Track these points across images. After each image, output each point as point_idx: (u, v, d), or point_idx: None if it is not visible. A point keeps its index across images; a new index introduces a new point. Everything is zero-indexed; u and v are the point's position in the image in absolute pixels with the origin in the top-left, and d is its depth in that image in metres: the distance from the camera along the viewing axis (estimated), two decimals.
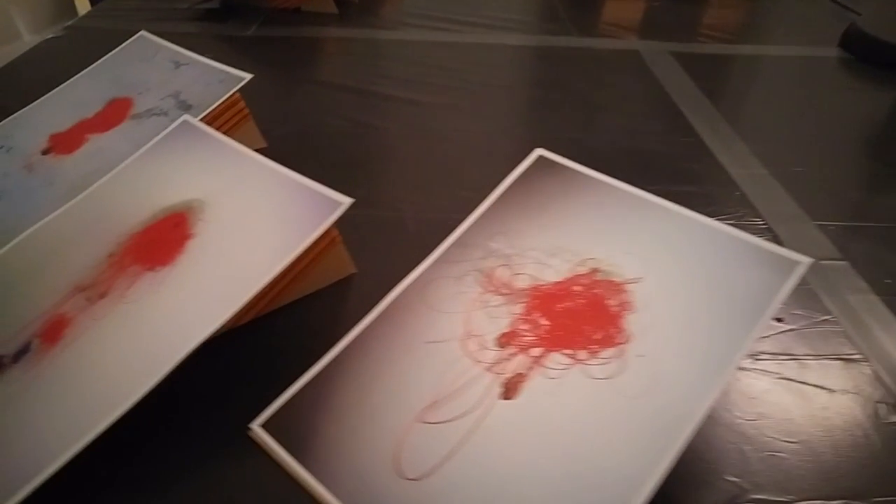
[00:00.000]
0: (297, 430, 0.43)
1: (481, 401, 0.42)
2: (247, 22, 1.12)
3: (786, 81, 1.02)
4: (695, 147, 0.79)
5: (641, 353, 0.42)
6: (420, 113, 0.86)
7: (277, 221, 0.48)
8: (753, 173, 0.74)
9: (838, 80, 1.03)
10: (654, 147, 0.79)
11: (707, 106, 0.89)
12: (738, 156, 0.78)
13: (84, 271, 0.49)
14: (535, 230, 0.50)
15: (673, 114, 0.87)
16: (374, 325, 0.47)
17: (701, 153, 0.78)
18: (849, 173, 0.77)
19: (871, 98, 0.97)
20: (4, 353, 0.45)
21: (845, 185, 0.75)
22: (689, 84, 0.95)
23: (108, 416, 0.39)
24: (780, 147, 0.81)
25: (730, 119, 0.86)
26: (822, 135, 0.86)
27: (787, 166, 0.76)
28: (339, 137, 0.79)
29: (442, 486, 0.39)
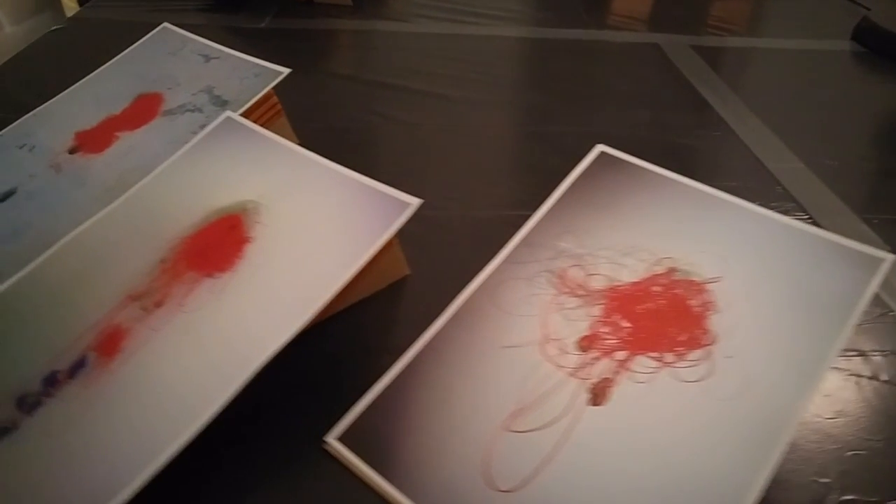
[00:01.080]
0: (375, 441, 0.41)
1: (569, 408, 0.40)
2: (259, 14, 1.09)
3: (806, 74, 1.01)
4: (728, 141, 0.79)
5: (729, 355, 0.41)
6: (450, 107, 0.84)
7: (342, 224, 0.46)
8: (790, 167, 0.74)
9: (856, 73, 1.03)
10: (688, 141, 0.78)
11: (734, 99, 0.88)
12: (773, 149, 0.77)
13: (135, 278, 0.46)
14: (604, 229, 0.48)
15: (701, 107, 0.86)
16: (445, 330, 0.45)
17: (735, 147, 0.77)
18: (883, 166, 0.77)
19: (889, 91, 0.97)
20: (58, 367, 0.42)
21: (881, 177, 0.75)
22: (713, 77, 0.94)
23: (183, 433, 0.37)
24: (812, 140, 0.80)
25: (758, 112, 0.85)
26: (849, 127, 0.86)
27: (821, 159, 0.76)
28: (371, 133, 0.77)
29: (538, 497, 0.37)
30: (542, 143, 0.77)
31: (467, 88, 0.89)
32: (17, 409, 0.41)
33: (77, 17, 1.08)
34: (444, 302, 0.48)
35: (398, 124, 0.79)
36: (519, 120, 0.83)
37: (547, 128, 0.81)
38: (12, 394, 0.41)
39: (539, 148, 0.76)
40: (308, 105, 0.82)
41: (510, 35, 1.09)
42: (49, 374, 0.42)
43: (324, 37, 1.05)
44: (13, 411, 0.41)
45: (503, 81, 0.92)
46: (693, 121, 0.83)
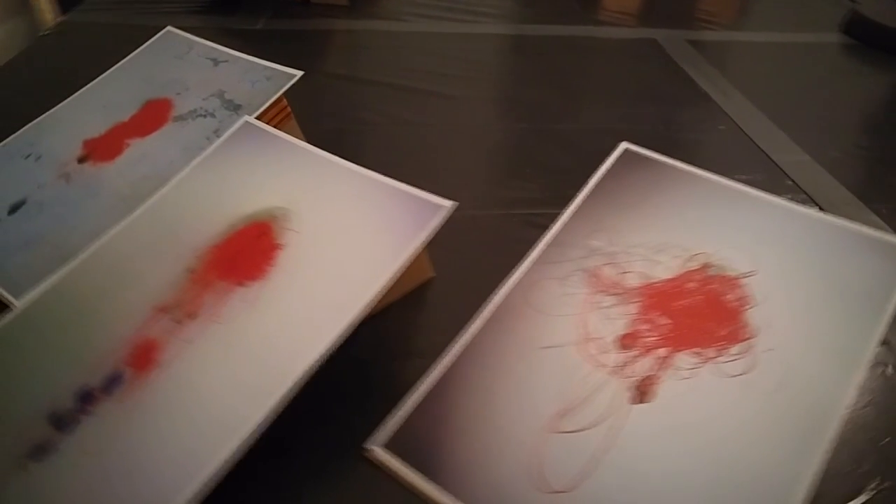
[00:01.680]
0: (421, 447, 0.41)
1: (614, 406, 0.40)
2: (254, 15, 1.07)
3: (800, 67, 1.03)
4: (733, 135, 0.79)
5: (770, 348, 0.41)
6: (453, 106, 0.83)
7: (375, 228, 0.45)
8: (796, 159, 0.75)
9: (848, 65, 1.04)
10: (694, 136, 0.78)
11: (734, 93, 0.89)
12: (777, 142, 0.78)
13: (163, 289, 0.46)
14: (634, 226, 0.48)
15: (704, 101, 0.87)
16: (481, 333, 0.45)
17: (741, 141, 0.78)
18: (885, 155, 0.78)
19: (883, 81, 0.98)
20: (91, 383, 0.42)
21: (885, 166, 0.76)
22: (712, 71, 0.95)
23: (228, 447, 0.37)
24: (813, 132, 0.81)
25: (759, 105, 0.86)
26: (847, 118, 0.87)
27: (824, 151, 0.77)
28: (379, 134, 0.77)
29: (592, 496, 0.37)
30: (550, 141, 0.77)
31: (469, 87, 0.88)
32: (53, 427, 0.40)
33: (66, 22, 1.06)
34: (470, 303, 0.48)
35: (403, 124, 0.79)
36: (525, 118, 0.82)
37: (554, 125, 0.81)
38: (44, 411, 0.40)
39: (548, 146, 0.76)
40: (314, 107, 0.81)
41: (507, 32, 1.09)
42: (82, 390, 0.41)
43: (321, 37, 1.04)
44: (48, 430, 0.40)
45: (505, 79, 0.92)
46: (697, 115, 0.83)
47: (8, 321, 0.45)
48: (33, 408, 0.40)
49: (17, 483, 0.38)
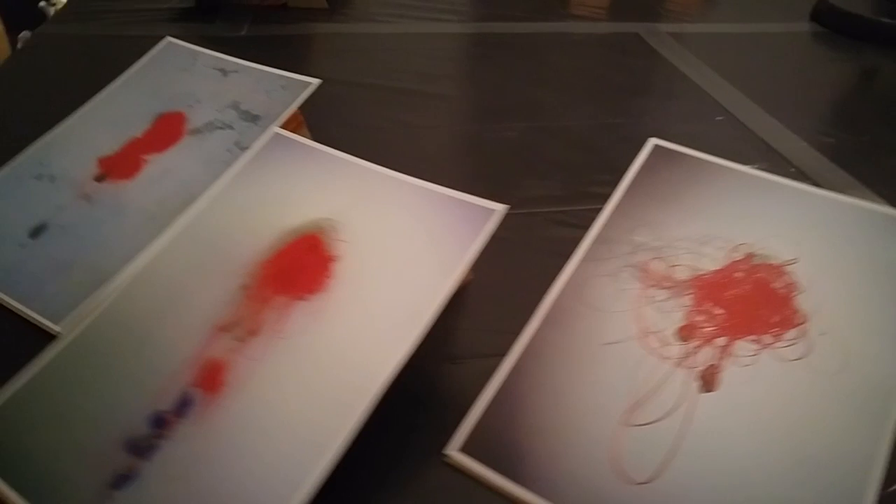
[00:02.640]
0: (499, 448, 0.41)
1: (682, 397, 0.42)
2: (235, 22, 1.06)
3: (779, 56, 1.06)
4: (731, 125, 0.82)
5: (823, 332, 0.43)
6: (450, 107, 0.84)
7: (429, 235, 0.46)
8: (795, 146, 0.77)
9: (822, 52, 1.08)
10: (694, 127, 0.81)
11: (724, 83, 0.92)
12: (774, 130, 0.81)
13: (218, 308, 0.45)
14: (676, 220, 0.50)
15: (697, 93, 0.89)
16: (541, 333, 0.46)
17: (739, 130, 0.80)
18: (876, 139, 0.82)
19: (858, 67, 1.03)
20: (162, 407, 0.41)
21: (878, 149, 0.79)
22: (698, 63, 0.98)
23: (321, 461, 0.37)
24: (805, 118, 0.84)
25: (749, 95, 0.89)
26: (832, 104, 0.90)
27: (818, 137, 0.80)
28: (388, 138, 0.77)
29: (673, 485, 0.38)
30: (554, 138, 0.78)
31: (461, 86, 0.89)
32: (131, 454, 0.39)
33: (43, 34, 1.02)
34: (515, 304, 0.49)
35: (404, 126, 0.79)
36: (525, 116, 0.83)
37: (555, 122, 0.82)
38: (120, 439, 0.40)
39: (554, 143, 0.77)
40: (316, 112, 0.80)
41: (488, 31, 1.10)
42: (154, 415, 0.41)
43: (305, 41, 1.03)
44: (127, 457, 0.39)
45: (496, 77, 0.93)
46: (693, 107, 0.85)
47: (61, 349, 0.44)
48: (108, 437, 0.40)
49: None
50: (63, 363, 0.44)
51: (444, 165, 0.73)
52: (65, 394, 0.42)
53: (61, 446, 0.40)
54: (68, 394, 0.42)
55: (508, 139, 0.78)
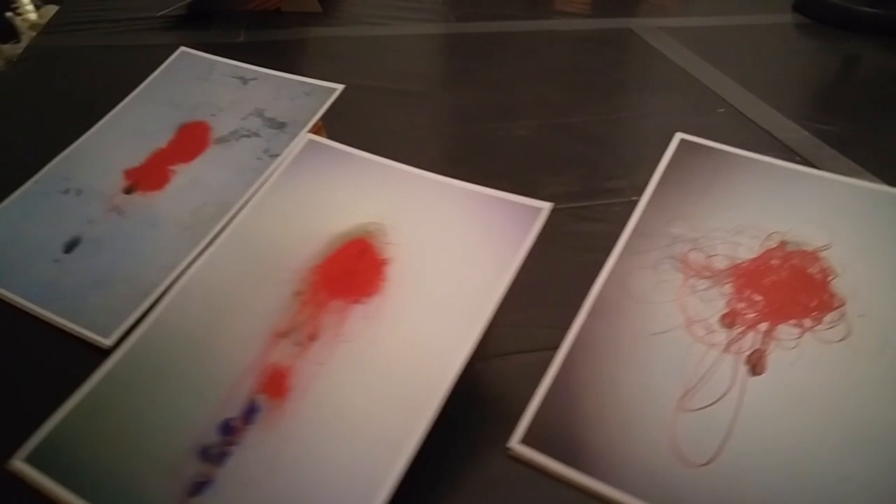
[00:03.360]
0: (558, 439, 0.43)
1: (732, 381, 0.43)
2: (231, 28, 1.06)
3: (767, 47, 1.09)
4: (733, 117, 0.84)
5: (861, 313, 0.45)
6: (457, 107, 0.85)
7: (478, 235, 0.47)
8: (796, 136, 0.80)
9: (809, 42, 1.12)
10: (700, 121, 0.83)
11: (720, 75, 0.94)
12: (774, 120, 0.83)
13: (274, 315, 0.46)
14: (709, 212, 0.51)
15: (697, 86, 0.91)
16: (588, 326, 0.47)
17: (742, 121, 0.83)
18: (871, 125, 0.85)
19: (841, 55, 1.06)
20: (229, 415, 0.41)
21: (874, 135, 0.82)
22: (693, 57, 1.00)
23: (399, 461, 0.38)
24: (801, 108, 0.87)
25: (746, 86, 0.91)
26: (824, 92, 0.93)
27: (817, 125, 0.82)
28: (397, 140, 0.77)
29: (732, 465, 0.40)
30: (564, 134, 0.80)
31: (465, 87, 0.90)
32: (205, 461, 0.40)
33: (36, 46, 1.01)
34: (553, 298, 0.50)
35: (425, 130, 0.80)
36: (533, 114, 0.85)
37: (563, 119, 0.84)
38: (192, 448, 0.40)
39: (564, 139, 0.78)
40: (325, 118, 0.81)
41: (484, 31, 1.11)
42: (222, 422, 0.41)
43: (307, 46, 1.04)
44: (201, 465, 0.39)
45: (498, 77, 0.94)
46: (694, 100, 0.88)
47: (118, 362, 0.45)
48: (181, 446, 0.40)
49: None
50: (122, 376, 0.44)
51: (460, 166, 0.74)
52: (129, 406, 0.43)
53: (134, 458, 0.40)
54: (133, 406, 0.43)
55: (521, 137, 0.79)
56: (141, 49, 1.02)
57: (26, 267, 0.55)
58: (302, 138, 0.55)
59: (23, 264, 0.55)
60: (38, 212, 0.59)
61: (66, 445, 0.41)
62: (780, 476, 0.40)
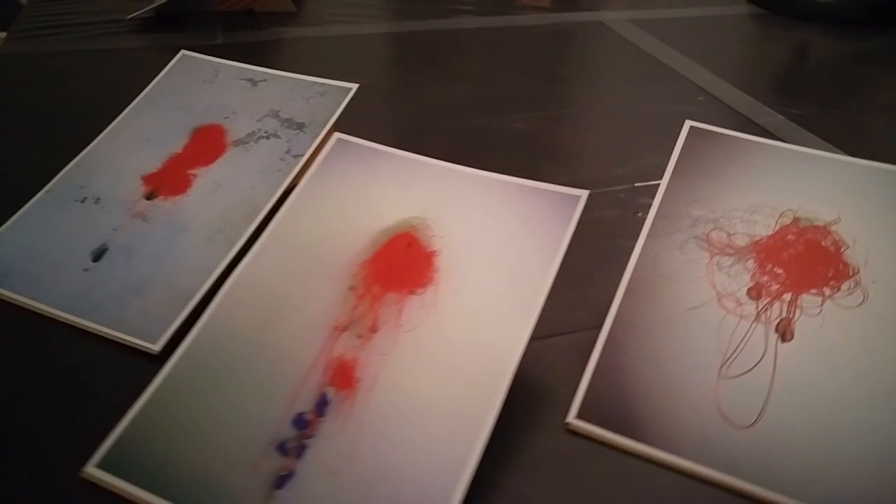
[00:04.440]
0: (612, 412, 0.45)
1: (766, 348, 0.47)
2: (206, 30, 1.05)
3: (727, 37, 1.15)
4: (713, 104, 0.88)
5: (875, 280, 0.49)
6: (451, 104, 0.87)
7: (519, 225, 0.49)
8: (774, 120, 0.85)
9: (766, 32, 1.18)
10: (683, 109, 0.87)
11: (694, 65, 0.99)
12: (751, 106, 0.88)
13: (331, 310, 0.47)
14: (725, 193, 0.55)
15: (673, 76, 0.96)
16: (625, 304, 0.50)
17: (722, 109, 0.87)
18: (837, 108, 0.90)
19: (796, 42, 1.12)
20: (300, 409, 0.43)
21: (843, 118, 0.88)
22: (665, 47, 1.04)
23: (478, 443, 0.40)
24: (771, 94, 0.92)
25: (720, 74, 0.96)
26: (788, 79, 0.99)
27: (789, 110, 0.87)
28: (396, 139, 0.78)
29: (776, 425, 0.44)
30: (561, 126, 0.83)
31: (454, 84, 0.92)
32: (284, 455, 0.41)
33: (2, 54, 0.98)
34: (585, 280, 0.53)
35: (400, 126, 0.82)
36: (525, 107, 0.87)
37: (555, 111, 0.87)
38: (270, 443, 0.41)
39: (562, 131, 0.81)
40: None
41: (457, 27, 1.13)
42: (295, 417, 0.42)
43: (288, 47, 1.04)
44: (281, 459, 0.40)
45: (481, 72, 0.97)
46: (674, 90, 0.92)
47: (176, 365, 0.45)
48: (258, 442, 0.41)
49: None
50: (182, 378, 0.45)
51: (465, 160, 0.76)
52: (195, 407, 0.43)
53: (211, 456, 0.41)
54: (199, 406, 0.43)
55: (518, 130, 0.81)
56: (114, 53, 1.00)
57: (55, 277, 0.54)
58: (332, 137, 0.56)
59: (50, 274, 0.55)
60: (57, 221, 0.59)
61: (137, 448, 0.42)
62: (819, 431, 0.43)
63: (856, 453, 0.42)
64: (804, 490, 0.41)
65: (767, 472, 0.42)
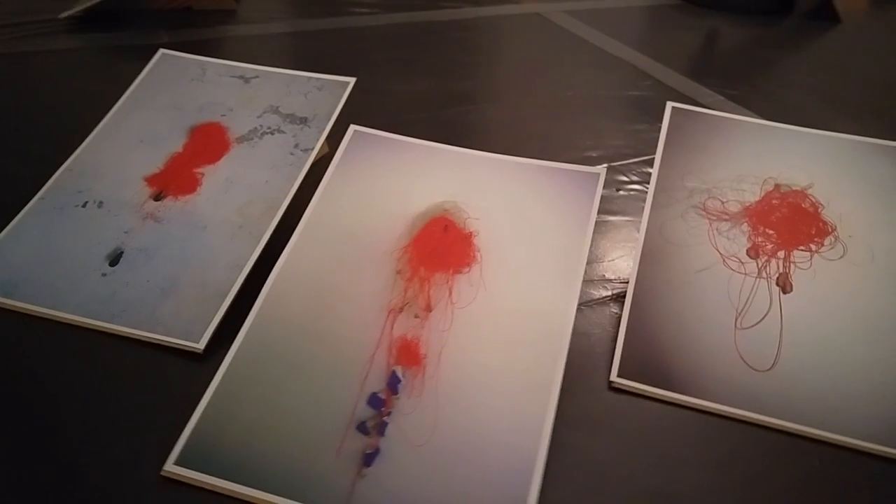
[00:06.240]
0: (648, 368, 0.50)
1: (770, 300, 0.53)
2: (149, 29, 1.02)
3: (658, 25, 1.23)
4: (660, 89, 0.95)
5: (850, 234, 0.56)
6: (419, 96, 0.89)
7: (546, 203, 0.52)
8: (715, 101, 0.93)
9: (685, 20, 1.27)
10: (633, 93, 0.93)
11: (633, 52, 1.06)
12: (693, 89, 0.95)
13: (382, 293, 0.49)
14: (712, 165, 0.60)
15: (618, 63, 1.02)
16: (643, 271, 0.55)
17: (669, 92, 0.94)
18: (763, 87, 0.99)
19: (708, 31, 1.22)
20: (376, 388, 0.44)
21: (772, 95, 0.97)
22: (603, 37, 1.11)
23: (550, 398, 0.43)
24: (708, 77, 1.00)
25: (660, 60, 1.03)
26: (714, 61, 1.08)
27: (726, 90, 0.95)
28: None
29: (791, 367, 0.49)
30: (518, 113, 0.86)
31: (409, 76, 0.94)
32: (366, 434, 0.42)
33: None
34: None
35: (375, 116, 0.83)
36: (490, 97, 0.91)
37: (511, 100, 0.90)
38: (351, 424, 0.43)
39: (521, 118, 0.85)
40: None
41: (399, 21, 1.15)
42: (370, 396, 0.44)
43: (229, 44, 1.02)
44: (364, 438, 0.42)
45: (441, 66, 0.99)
46: (621, 76, 0.98)
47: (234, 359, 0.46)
48: (340, 424, 0.43)
49: (363, 489, 0.40)
50: (243, 371, 0.45)
51: None
52: (263, 396, 0.44)
53: (293, 442, 0.42)
54: (266, 396, 0.44)
55: (493, 119, 0.85)
56: (50, 55, 0.95)
57: (71, 284, 0.53)
58: (349, 129, 0.58)
59: (65, 282, 0.53)
60: (59, 228, 0.57)
61: (213, 442, 0.42)
62: (828, 368, 0.49)
63: (861, 384, 0.48)
64: (823, 419, 0.47)
65: (790, 408, 0.48)
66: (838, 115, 0.90)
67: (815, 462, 0.45)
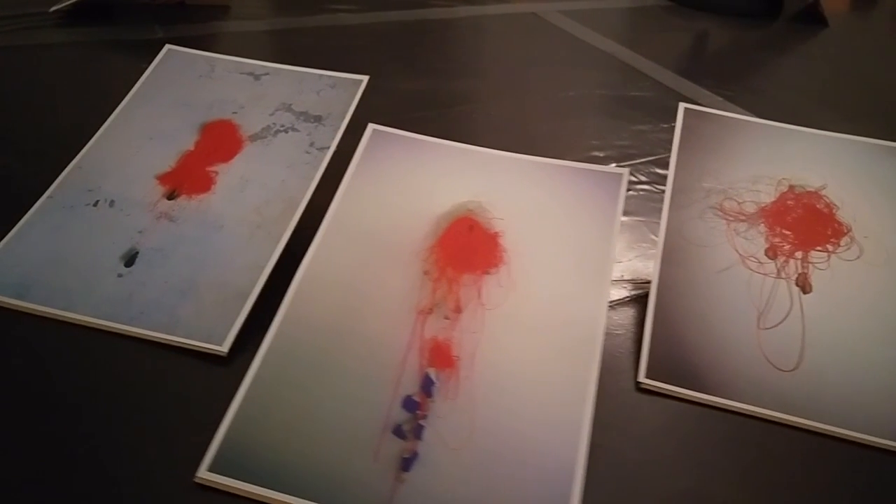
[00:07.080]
0: (674, 369, 0.50)
1: (791, 300, 0.53)
2: (143, 24, 0.99)
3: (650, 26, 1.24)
4: (656, 87, 0.96)
5: (865, 235, 0.57)
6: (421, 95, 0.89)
7: (572, 204, 0.52)
8: (711, 100, 0.93)
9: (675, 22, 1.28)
10: (635, 93, 0.94)
11: (627, 52, 1.06)
12: (687, 87, 0.96)
13: (411, 295, 0.48)
14: (727, 166, 0.61)
15: (615, 63, 1.02)
16: (664, 271, 0.55)
17: (664, 91, 0.95)
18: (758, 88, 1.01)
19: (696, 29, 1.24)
20: (410, 392, 0.44)
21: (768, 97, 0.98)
22: (599, 37, 1.11)
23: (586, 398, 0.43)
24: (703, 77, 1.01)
25: (657, 61, 1.04)
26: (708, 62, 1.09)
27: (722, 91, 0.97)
28: None
29: (815, 366, 0.50)
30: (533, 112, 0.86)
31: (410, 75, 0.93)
32: (403, 438, 0.42)
33: None
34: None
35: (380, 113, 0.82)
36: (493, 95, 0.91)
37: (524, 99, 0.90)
38: (386, 428, 0.42)
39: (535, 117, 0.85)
40: None
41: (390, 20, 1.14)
42: (404, 400, 0.43)
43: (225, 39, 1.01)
44: (401, 442, 0.42)
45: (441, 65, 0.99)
46: (619, 76, 0.99)
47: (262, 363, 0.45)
48: (375, 429, 0.42)
49: (403, 493, 0.40)
50: (272, 375, 0.44)
51: None
52: (294, 401, 0.43)
53: (329, 447, 0.41)
54: (298, 400, 0.43)
55: (498, 117, 0.85)
56: (40, 49, 0.93)
57: (86, 285, 0.51)
58: (367, 128, 0.57)
59: (79, 283, 0.52)
60: (70, 227, 0.55)
61: (246, 447, 0.41)
62: (850, 368, 0.50)
63: (885, 384, 0.49)
64: (850, 419, 0.48)
65: (817, 408, 0.48)
66: (834, 116, 0.92)
67: (843, 462, 0.45)
